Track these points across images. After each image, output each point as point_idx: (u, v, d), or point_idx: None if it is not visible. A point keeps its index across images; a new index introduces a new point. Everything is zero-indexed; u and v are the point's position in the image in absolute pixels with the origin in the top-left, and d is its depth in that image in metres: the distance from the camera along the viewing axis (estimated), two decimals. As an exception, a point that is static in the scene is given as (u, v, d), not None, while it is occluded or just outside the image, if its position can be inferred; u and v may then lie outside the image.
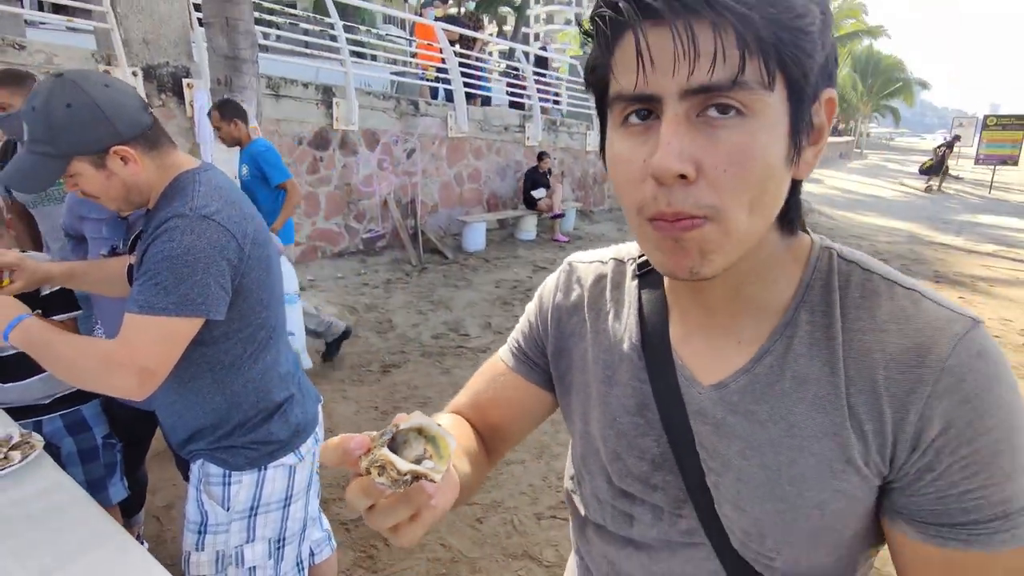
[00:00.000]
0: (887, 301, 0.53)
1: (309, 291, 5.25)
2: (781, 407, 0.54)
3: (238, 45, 3.83)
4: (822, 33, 0.45)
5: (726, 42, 0.42)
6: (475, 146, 7.99)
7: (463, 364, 3.95)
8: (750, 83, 0.43)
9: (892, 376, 0.50)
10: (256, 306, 1.24)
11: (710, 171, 0.45)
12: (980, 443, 0.47)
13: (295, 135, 5.87)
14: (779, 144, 0.46)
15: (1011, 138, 15.21)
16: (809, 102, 0.47)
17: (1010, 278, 6.84)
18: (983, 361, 0.48)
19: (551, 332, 0.73)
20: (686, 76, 0.43)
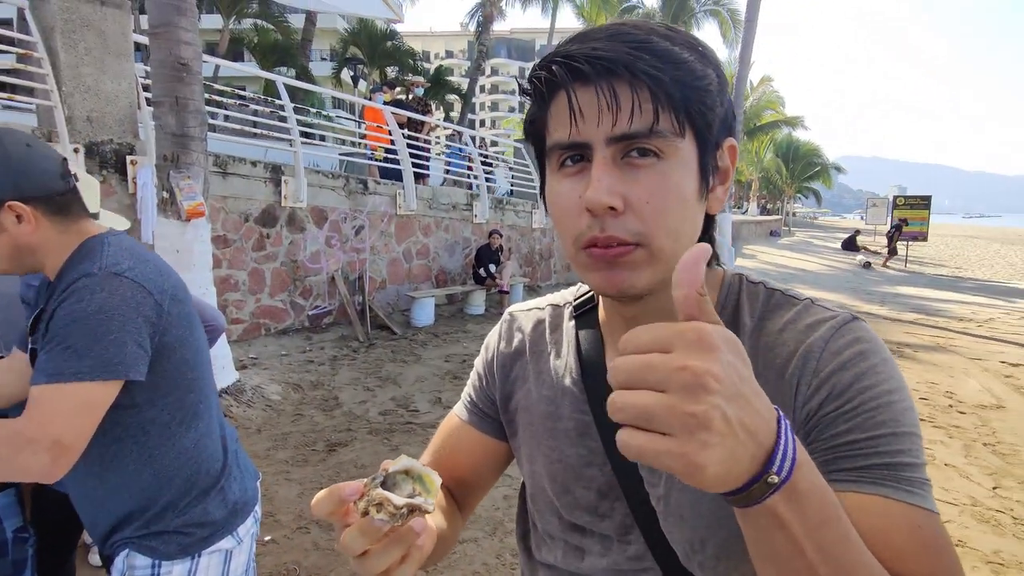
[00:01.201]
0: (785, 311, 0.61)
1: (252, 369, 5.07)
2: None
3: (187, 123, 3.86)
4: (719, 92, 0.55)
5: (642, 98, 0.51)
6: (424, 223, 8.13)
7: (412, 441, 3.85)
8: (664, 131, 0.52)
9: (790, 367, 0.57)
10: (181, 366, 1.16)
11: (635, 203, 0.53)
12: (859, 399, 0.53)
13: (242, 212, 5.84)
14: (691, 181, 0.55)
15: (919, 216, 16.69)
16: (714, 148, 0.56)
17: (932, 344, 7.29)
18: (859, 343, 0.56)
19: (497, 380, 0.77)
20: (610, 126, 0.52)
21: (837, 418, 0.53)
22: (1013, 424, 4.54)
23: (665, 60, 0.51)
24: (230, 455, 1.30)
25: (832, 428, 0.53)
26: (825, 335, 0.56)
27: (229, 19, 18.05)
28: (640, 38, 0.52)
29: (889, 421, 0.52)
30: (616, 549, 0.65)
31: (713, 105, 0.54)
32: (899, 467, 0.51)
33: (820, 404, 0.54)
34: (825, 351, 0.55)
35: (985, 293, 12.49)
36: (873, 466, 0.51)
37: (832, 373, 0.54)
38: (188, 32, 3.78)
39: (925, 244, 19.02)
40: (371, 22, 21.66)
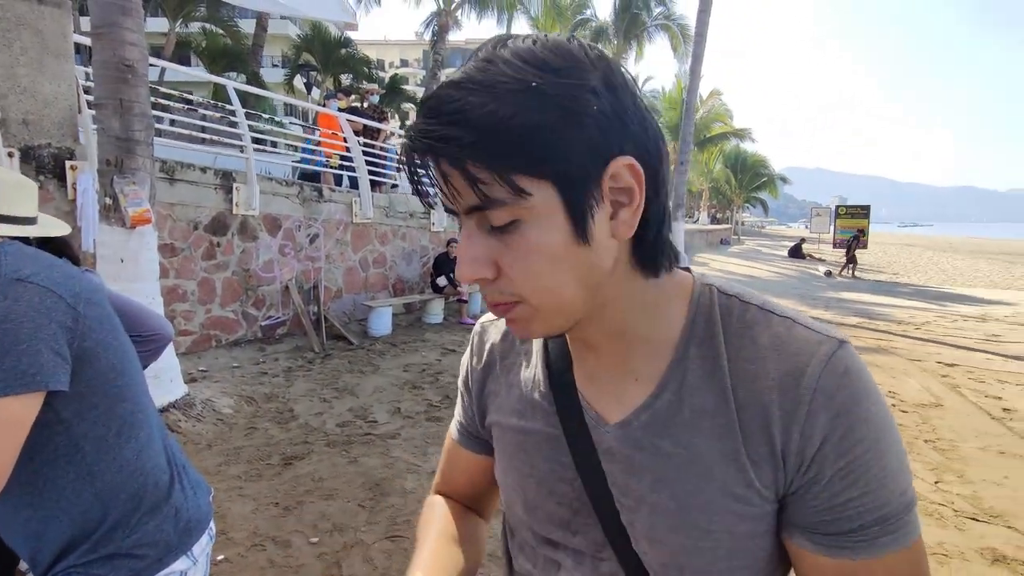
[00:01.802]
0: (765, 329, 0.57)
1: (202, 382, 4.88)
2: (683, 439, 0.57)
3: (132, 127, 3.71)
4: (569, 131, 0.48)
5: (455, 181, 0.49)
6: (380, 232, 8.03)
7: (372, 452, 3.77)
8: (502, 200, 0.48)
9: (776, 400, 0.54)
10: (107, 373, 1.06)
11: (505, 269, 0.51)
12: (854, 453, 0.52)
13: (191, 220, 5.64)
14: (557, 233, 0.50)
15: (859, 224, 17.51)
16: (588, 183, 0.49)
17: (874, 346, 7.61)
18: (849, 378, 0.53)
19: (474, 397, 0.76)
20: (453, 204, 0.51)
21: (833, 476, 0.52)
22: (951, 421, 4.77)
23: (477, 131, 0.46)
24: (177, 467, 1.22)
25: (829, 488, 0.53)
26: (816, 371, 0.53)
27: (176, 22, 17.50)
28: (454, 106, 0.47)
29: (878, 472, 0.52)
30: (589, 565, 0.64)
31: (563, 147, 0.48)
32: (887, 519, 0.52)
33: (814, 457, 0.53)
34: (818, 392, 0.53)
35: (920, 297, 13.15)
36: (866, 525, 0.52)
37: (827, 422, 0.52)
38: (133, 33, 3.64)
39: (866, 251, 19.91)
40: (324, 29, 21.39)
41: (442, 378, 5.54)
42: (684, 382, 0.58)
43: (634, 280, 0.57)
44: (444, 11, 19.13)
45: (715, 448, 0.56)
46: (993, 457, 4.06)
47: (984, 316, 10.37)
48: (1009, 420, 4.81)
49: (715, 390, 0.57)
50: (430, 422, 4.35)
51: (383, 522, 2.92)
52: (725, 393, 0.56)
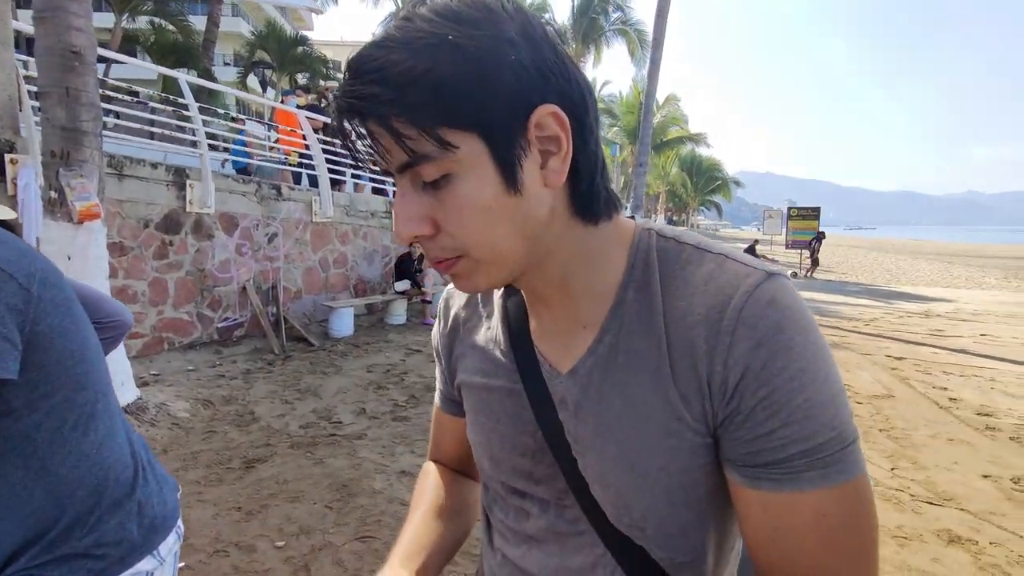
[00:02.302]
0: (698, 267, 0.57)
1: (155, 386, 4.67)
2: (620, 382, 0.59)
3: (79, 117, 3.52)
4: (488, 81, 0.48)
5: (382, 139, 0.49)
6: (341, 231, 7.87)
7: (338, 453, 3.66)
8: (428, 155, 0.48)
9: (702, 334, 0.54)
10: (64, 360, 0.98)
11: (443, 225, 0.52)
12: (775, 383, 0.51)
13: (141, 217, 5.40)
14: (488, 185, 0.50)
15: (810, 226, 18.15)
16: (513, 132, 0.50)
17: (829, 342, 7.85)
18: (772, 308, 0.52)
19: (445, 362, 0.80)
20: (382, 163, 0.51)
21: (755, 406, 0.52)
22: (902, 411, 4.95)
23: (396, 86, 0.47)
24: (141, 461, 1.13)
25: (752, 418, 0.52)
26: (739, 302, 0.53)
27: (122, 16, 16.81)
28: (374, 65, 0.47)
29: (802, 403, 0.50)
30: (553, 511, 0.66)
31: (484, 97, 0.48)
32: (814, 452, 0.50)
33: (736, 387, 0.52)
34: (740, 323, 0.52)
35: (868, 296, 13.68)
36: (791, 457, 0.51)
37: (747, 351, 0.52)
38: (80, 18, 3.45)
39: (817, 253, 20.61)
40: (280, 26, 20.93)
41: (407, 378, 5.45)
42: (622, 326, 0.59)
43: (573, 228, 0.57)
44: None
45: (648, 388, 0.57)
46: (943, 444, 4.23)
47: (927, 312, 10.85)
48: (956, 409, 5.03)
49: (649, 332, 0.58)
50: (396, 422, 4.27)
51: (352, 523, 2.84)
52: (658, 334, 0.57)
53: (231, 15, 30.74)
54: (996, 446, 4.21)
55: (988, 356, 7.11)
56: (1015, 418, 4.81)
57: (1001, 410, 5.01)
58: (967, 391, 5.57)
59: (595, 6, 24.34)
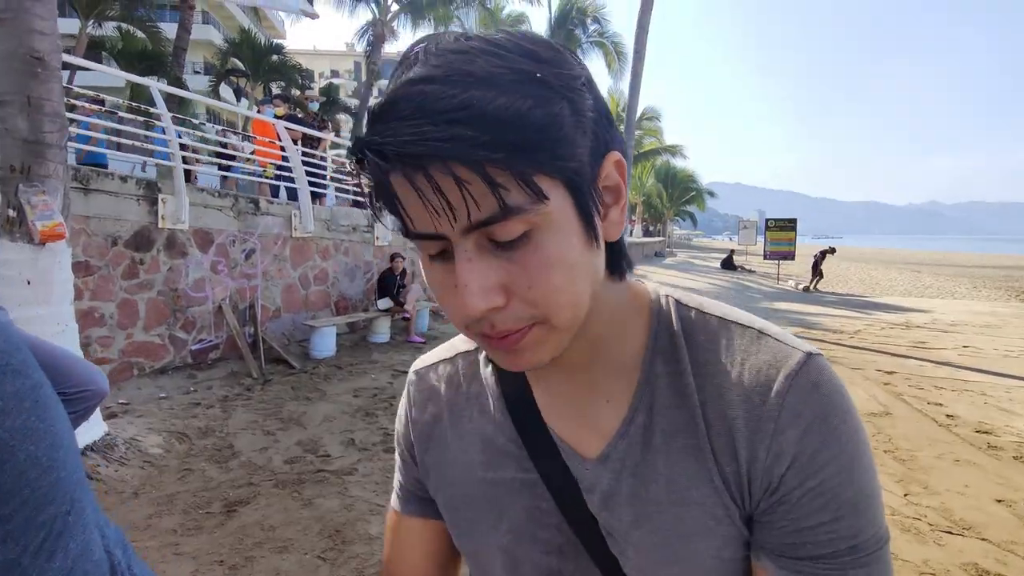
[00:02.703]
0: (728, 341, 0.54)
1: (124, 417, 4.34)
2: (658, 464, 0.54)
3: (42, 128, 3.23)
4: (577, 120, 0.44)
5: (474, 191, 0.40)
6: (322, 246, 7.58)
7: (327, 492, 3.40)
8: (521, 207, 0.42)
9: (741, 416, 0.51)
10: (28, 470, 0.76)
11: (518, 291, 0.44)
12: (825, 474, 0.48)
13: (109, 234, 5.07)
14: (573, 238, 0.45)
15: (787, 237, 18.37)
16: (590, 184, 0.46)
17: (816, 356, 7.84)
18: (818, 393, 0.50)
19: (419, 454, 0.67)
20: (452, 221, 0.42)
21: (802, 497, 0.49)
22: (903, 430, 4.87)
23: (490, 127, 0.39)
24: (121, 570, 0.91)
25: (798, 510, 0.49)
26: (783, 386, 0.50)
27: (88, 21, 16.25)
28: (453, 103, 0.39)
29: (852, 496, 0.49)
30: None
31: (573, 148, 0.44)
32: (860, 549, 0.49)
33: (782, 477, 0.49)
34: (784, 408, 0.49)
35: (846, 307, 13.80)
36: (838, 552, 0.49)
37: (795, 440, 0.49)
38: (44, 20, 3.17)
39: (793, 263, 20.86)
40: (254, 34, 20.53)
41: (395, 403, 5.19)
42: (654, 402, 0.55)
43: (607, 288, 0.54)
44: (380, 21, 18.74)
45: (688, 471, 0.53)
46: (950, 465, 4.15)
47: (907, 323, 10.96)
48: (955, 427, 4.97)
49: (684, 411, 0.54)
50: (388, 454, 4.01)
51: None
52: (693, 411, 0.53)
53: (201, 22, 30.20)
54: (1002, 466, 4.15)
55: (974, 369, 7.14)
56: (1014, 435, 4.77)
57: (999, 427, 4.97)
58: (962, 407, 5.54)
59: (572, 18, 24.43)
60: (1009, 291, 18.79)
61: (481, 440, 0.62)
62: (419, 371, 0.70)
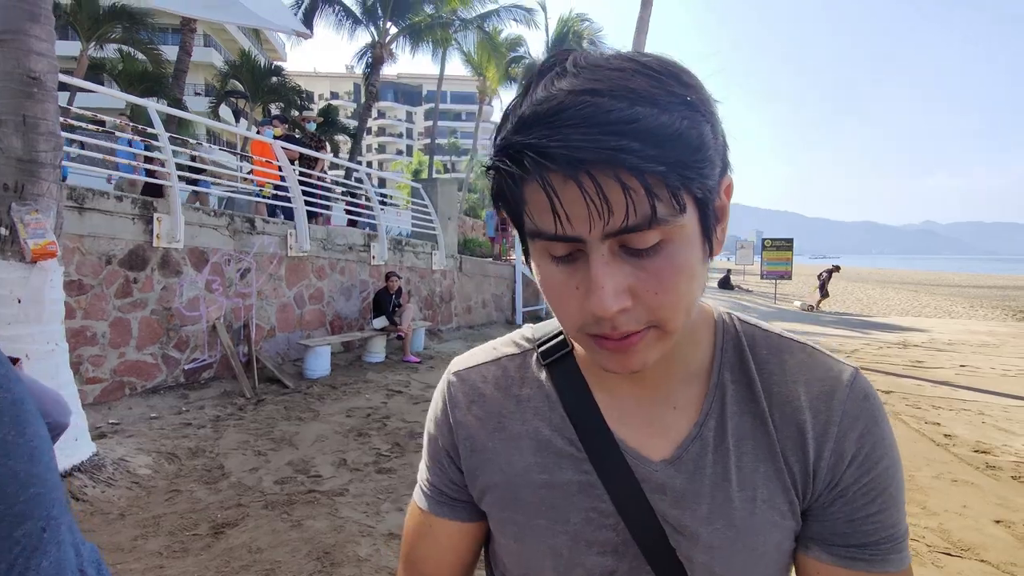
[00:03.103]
0: (789, 355, 0.61)
1: (113, 437, 4.29)
2: (731, 464, 0.58)
3: (37, 147, 3.24)
4: (716, 147, 0.48)
5: (636, 198, 0.44)
6: (317, 265, 7.58)
7: (317, 513, 3.35)
8: (664, 218, 0.45)
9: (809, 420, 0.58)
10: (6, 484, 0.72)
11: (644, 296, 0.48)
12: (876, 471, 0.56)
13: (103, 253, 5.06)
14: (696, 252, 0.49)
15: (784, 257, 18.39)
16: (712, 205, 0.50)
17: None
18: (868, 402, 0.58)
19: (463, 453, 0.67)
20: (603, 225, 0.45)
21: (858, 491, 0.56)
22: (901, 450, 4.57)
23: (656, 142, 0.44)
24: None
25: (853, 502, 0.56)
26: (843, 396, 0.58)
27: (89, 43, 16.43)
28: (622, 116, 0.43)
29: (894, 491, 0.57)
30: None
31: (713, 166, 0.48)
32: (896, 538, 0.57)
33: (843, 473, 0.56)
34: (845, 415, 0.57)
35: (844, 326, 13.79)
36: (880, 540, 0.56)
37: (854, 441, 0.57)
38: (42, 42, 3.20)
39: (790, 282, 20.88)
40: (253, 56, 20.76)
41: (390, 423, 5.15)
42: (724, 408, 0.59)
43: None
44: (379, 43, 18.96)
45: (760, 471, 0.58)
46: (948, 486, 4.11)
47: (905, 343, 10.93)
48: (952, 446, 4.93)
49: (753, 413, 0.59)
50: (381, 474, 3.96)
51: (336, 600, 2.54)
52: (763, 416, 0.58)
53: (202, 45, 30.57)
54: (1000, 487, 4.11)
55: (972, 388, 7.11)
56: (1012, 455, 4.73)
57: (997, 447, 4.93)
58: (960, 426, 5.50)
59: (569, 41, 24.77)
60: (1006, 311, 18.80)
61: (535, 442, 0.63)
62: (460, 373, 0.70)
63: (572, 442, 0.61)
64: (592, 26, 25.19)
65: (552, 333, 0.68)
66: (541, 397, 0.65)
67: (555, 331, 0.68)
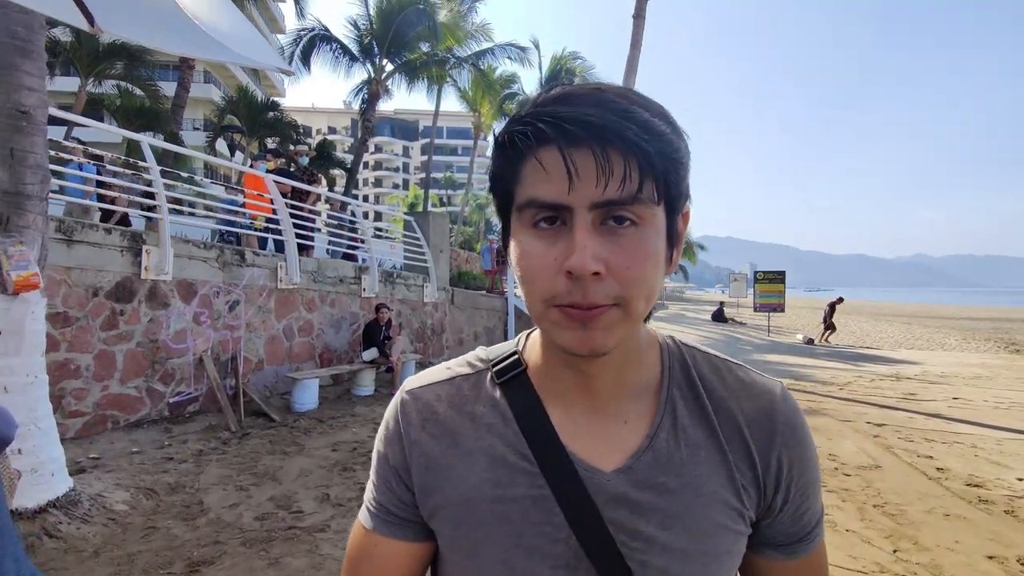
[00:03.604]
0: (728, 373, 0.68)
1: (92, 472, 4.21)
2: (685, 474, 0.62)
3: (24, 179, 3.26)
4: (687, 165, 0.57)
5: (631, 167, 0.52)
6: (307, 298, 7.57)
7: (297, 551, 3.27)
8: (645, 199, 0.54)
9: (754, 432, 0.64)
10: None
11: (616, 268, 0.54)
12: (808, 472, 0.65)
13: (89, 285, 5.05)
14: (662, 245, 0.57)
15: (776, 289, 18.47)
16: (677, 215, 0.59)
17: (807, 408, 7.75)
18: (797, 414, 0.67)
19: (416, 472, 0.67)
20: (597, 192, 0.52)
21: (798, 492, 0.65)
22: (892, 484, 4.78)
23: (649, 131, 0.53)
24: None
25: (795, 502, 0.65)
26: (780, 409, 0.65)
27: (88, 80, 16.68)
28: (624, 107, 0.53)
29: (817, 481, 0.67)
30: None
31: (684, 175, 0.57)
32: (821, 518, 0.68)
33: (788, 478, 0.64)
34: (784, 425, 0.65)
35: (838, 359, 13.77)
36: (814, 525, 0.67)
37: (791, 449, 0.64)
38: (32, 77, 3.25)
39: (782, 315, 20.92)
40: (251, 92, 21.08)
41: (375, 457, 5.07)
42: (675, 421, 0.64)
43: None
44: (375, 80, 19.31)
45: (712, 479, 0.62)
46: (940, 520, 4.05)
47: (897, 375, 10.92)
48: (945, 480, 4.88)
49: (705, 426, 0.64)
50: (364, 509, 3.88)
51: (311, 641, 2.46)
52: (713, 428, 0.64)
53: (203, 81, 31.05)
54: (993, 521, 4.05)
55: (964, 421, 7.07)
56: (1005, 489, 4.68)
57: (990, 480, 4.88)
58: (952, 460, 5.46)
59: (563, 78, 25.30)
60: (998, 343, 18.85)
61: (489, 459, 0.64)
62: (413, 391, 0.70)
63: (526, 457, 0.63)
64: (584, 63, 25.79)
65: (506, 353, 0.70)
66: (495, 414, 0.66)
67: (509, 351, 0.71)
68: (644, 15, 12.00)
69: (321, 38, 18.85)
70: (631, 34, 11.99)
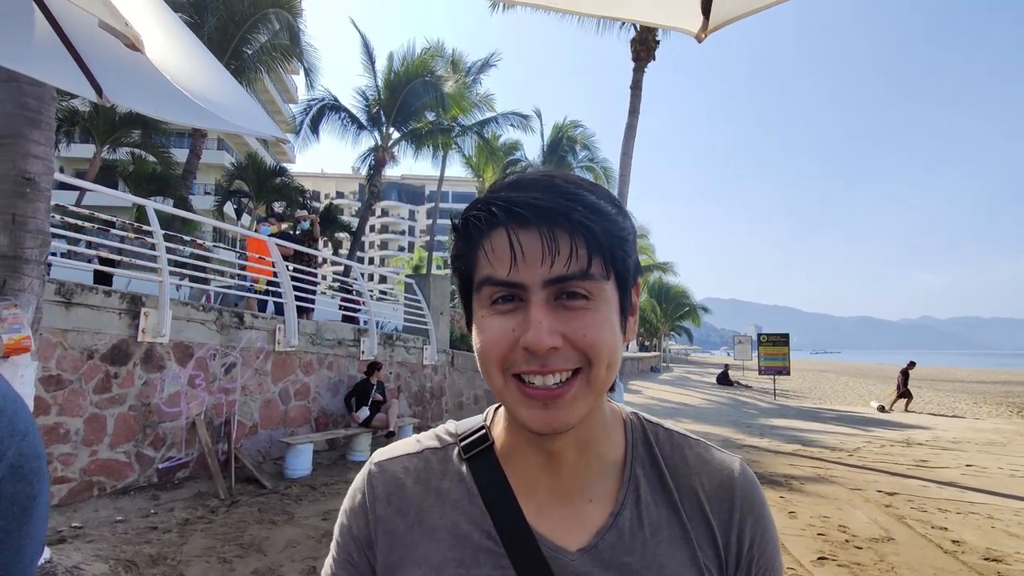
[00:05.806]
0: (688, 450, 0.68)
1: (72, 543, 4.06)
2: (648, 553, 0.61)
3: (23, 244, 3.30)
4: (633, 242, 0.61)
5: (578, 244, 0.56)
6: (305, 360, 7.52)
7: (277, 629, 3.11)
8: (595, 275, 0.57)
9: (714, 509, 0.64)
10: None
11: (573, 337, 0.56)
12: (769, 548, 0.65)
13: (85, 348, 5.03)
14: (615, 317, 0.59)
15: (780, 352, 18.33)
16: (628, 288, 0.61)
17: (814, 475, 7.51)
18: (756, 488, 0.67)
19: (379, 546, 0.66)
20: (547, 269, 0.55)
21: (759, 570, 0.64)
22: (906, 558, 4.56)
23: (594, 211, 0.56)
24: None
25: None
26: (739, 485, 0.66)
27: (103, 147, 17.25)
28: (571, 191, 0.57)
29: (779, 560, 0.66)
30: None
31: (630, 253, 0.60)
32: None
33: (749, 555, 0.64)
34: (743, 501, 0.65)
35: (846, 423, 13.47)
36: None
37: (751, 526, 0.64)
38: (39, 145, 3.35)
39: (788, 378, 20.66)
40: (260, 158, 21.73)
41: (367, 527, 4.88)
42: (639, 500, 0.64)
43: (601, 398, 0.63)
44: (381, 147, 19.92)
45: (676, 557, 0.61)
46: (958, 599, 3.84)
47: (908, 441, 10.64)
48: (961, 554, 4.66)
49: (667, 504, 0.64)
50: (351, 584, 3.71)
51: None
52: (676, 506, 0.64)
53: (216, 148, 32.09)
54: (1014, 600, 3.84)
55: (979, 490, 6.82)
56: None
57: (1009, 554, 4.66)
58: (968, 531, 5.23)
59: (564, 146, 26.04)
60: (1011, 407, 18.46)
61: (453, 537, 0.63)
62: (381, 463, 0.69)
63: (490, 535, 0.62)
64: (585, 131, 26.59)
65: (474, 428, 0.71)
66: (461, 490, 0.65)
67: (477, 426, 0.71)
68: (641, 86, 12.49)
69: (330, 107, 19.59)
70: (629, 102, 12.44)
